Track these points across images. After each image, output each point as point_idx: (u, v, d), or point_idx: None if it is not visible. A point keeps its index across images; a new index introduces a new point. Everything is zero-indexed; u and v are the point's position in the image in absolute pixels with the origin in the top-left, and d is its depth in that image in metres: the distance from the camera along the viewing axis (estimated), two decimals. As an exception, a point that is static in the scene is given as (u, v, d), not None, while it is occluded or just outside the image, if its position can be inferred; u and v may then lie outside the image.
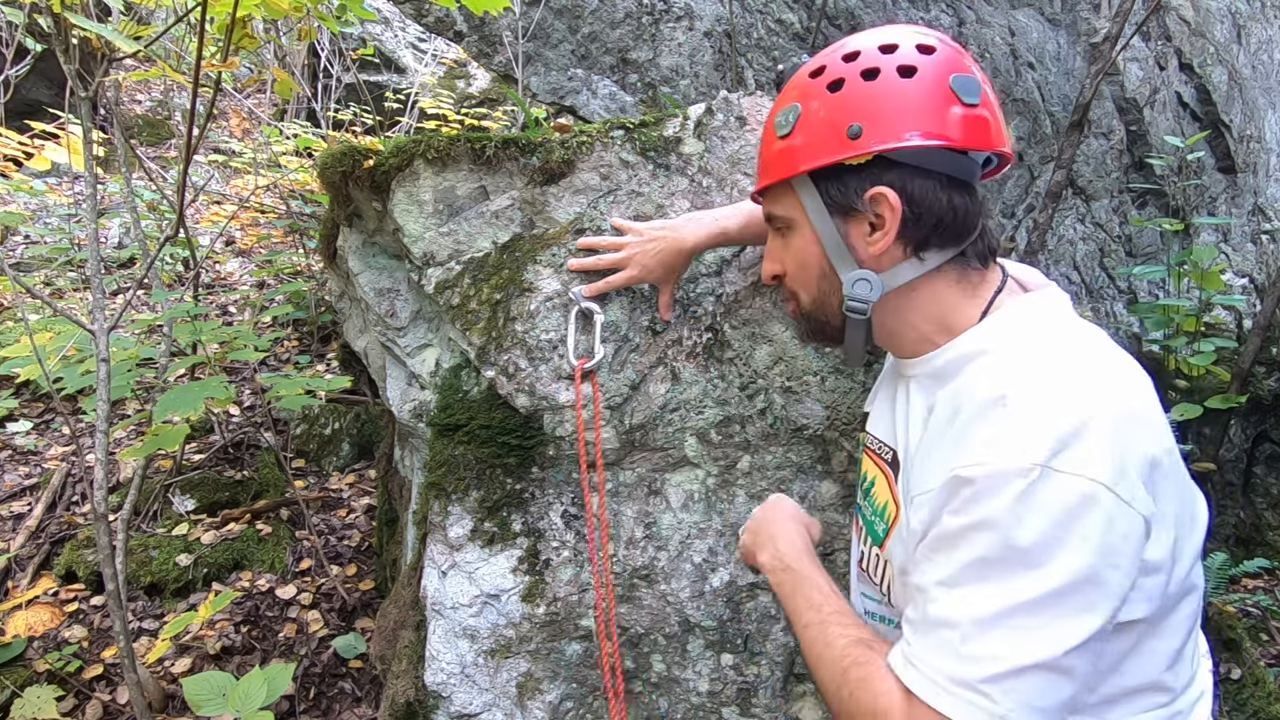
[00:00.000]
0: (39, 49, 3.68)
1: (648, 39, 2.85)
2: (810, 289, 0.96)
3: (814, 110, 0.88)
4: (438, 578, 1.43)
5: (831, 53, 0.91)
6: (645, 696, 1.43)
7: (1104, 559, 0.68)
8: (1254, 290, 4.63)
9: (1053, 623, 0.68)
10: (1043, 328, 0.85)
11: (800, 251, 0.95)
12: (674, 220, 1.38)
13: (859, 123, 0.85)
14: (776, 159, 0.92)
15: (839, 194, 0.88)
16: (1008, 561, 0.70)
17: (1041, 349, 0.81)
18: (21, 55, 3.70)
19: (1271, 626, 2.77)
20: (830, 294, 0.94)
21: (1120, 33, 2.65)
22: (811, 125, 0.88)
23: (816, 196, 0.90)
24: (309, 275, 4.24)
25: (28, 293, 1.93)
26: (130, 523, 2.30)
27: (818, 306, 0.96)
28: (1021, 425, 0.72)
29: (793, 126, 0.90)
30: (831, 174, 0.88)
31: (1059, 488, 0.68)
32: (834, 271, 0.92)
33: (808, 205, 0.91)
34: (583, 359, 1.39)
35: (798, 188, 0.92)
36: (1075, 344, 0.82)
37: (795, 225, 0.94)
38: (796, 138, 0.89)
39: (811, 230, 0.92)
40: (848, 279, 0.90)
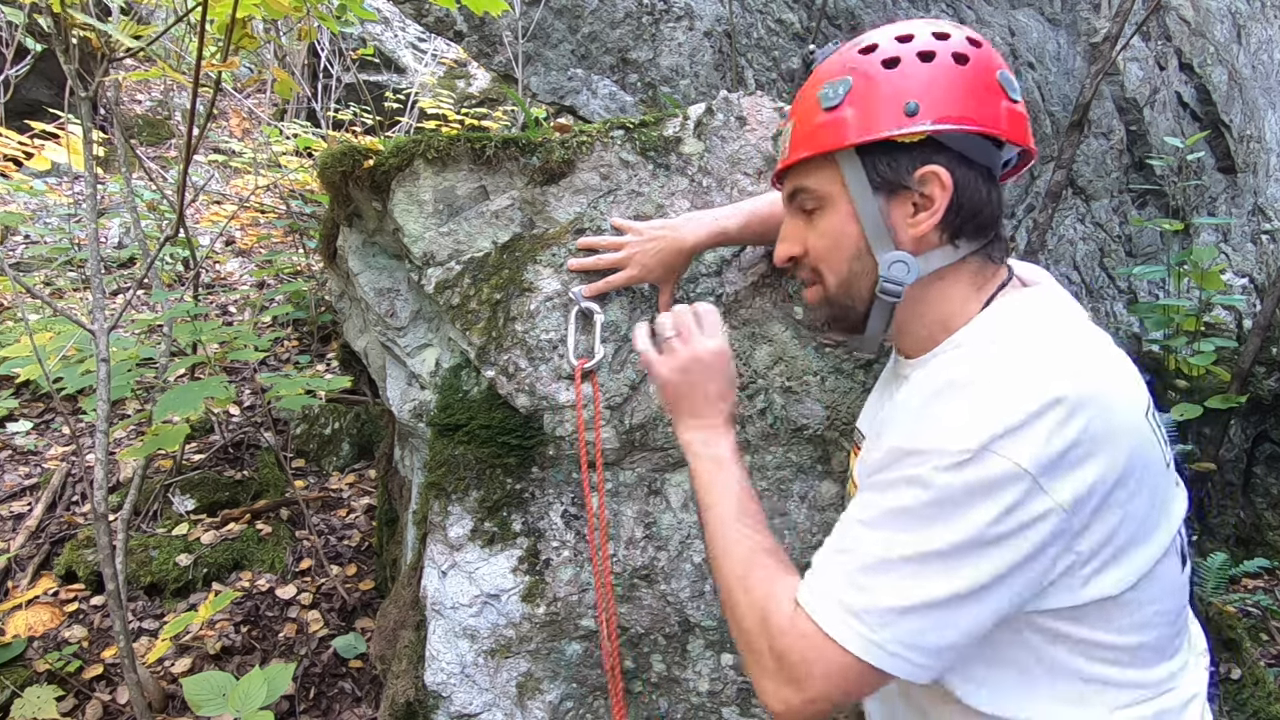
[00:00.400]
0: (39, 49, 3.68)
1: (648, 39, 2.84)
2: (840, 270, 0.92)
3: (867, 84, 0.86)
4: (438, 578, 1.43)
5: (881, 33, 0.89)
6: (645, 696, 1.43)
7: (1006, 530, 0.72)
8: (1254, 290, 4.63)
9: (943, 574, 0.73)
10: (1023, 319, 0.85)
11: (833, 230, 0.91)
12: (674, 220, 1.38)
13: (916, 100, 0.83)
14: (822, 130, 0.88)
15: (889, 170, 0.86)
16: (916, 514, 0.74)
17: (1010, 340, 0.82)
18: (21, 55, 3.70)
19: (1271, 626, 2.77)
20: (861, 275, 0.91)
21: (1120, 33, 2.65)
22: (866, 98, 0.86)
23: (861, 172, 0.87)
24: (309, 275, 4.24)
25: (28, 293, 1.93)
26: (130, 523, 2.30)
27: (845, 289, 0.93)
28: (970, 409, 0.74)
29: (843, 98, 0.87)
30: (883, 150, 0.86)
31: (986, 465, 0.72)
32: (869, 252, 0.89)
33: (850, 181, 0.88)
34: (583, 359, 1.39)
35: (842, 162, 0.88)
36: (1049, 336, 0.82)
37: (830, 202, 0.91)
38: (847, 110, 0.86)
39: (851, 207, 0.89)
40: (884, 260, 0.88)
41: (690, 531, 1.43)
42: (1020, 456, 0.71)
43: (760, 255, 1.46)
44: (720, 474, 0.97)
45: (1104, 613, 0.78)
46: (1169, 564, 0.81)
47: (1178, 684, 0.83)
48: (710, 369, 1.04)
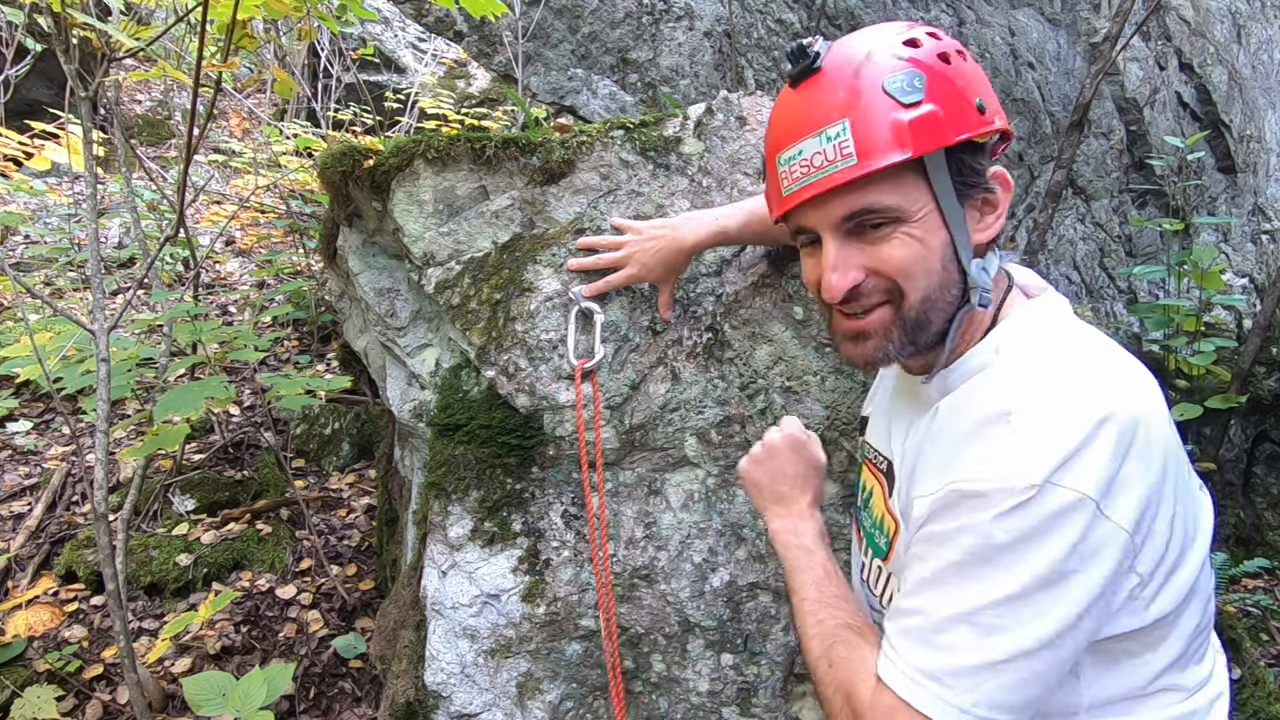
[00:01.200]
0: (39, 49, 3.68)
1: (648, 39, 2.85)
2: (925, 284, 0.81)
3: (938, 79, 0.78)
4: (438, 578, 1.43)
5: (907, 29, 0.82)
6: (645, 696, 1.43)
7: (1072, 563, 0.69)
8: (1254, 290, 4.63)
9: (1023, 620, 0.69)
10: (1046, 337, 0.83)
11: (917, 244, 0.80)
12: (673, 219, 1.38)
13: (981, 98, 0.79)
14: (913, 130, 0.76)
15: (973, 173, 0.81)
16: (983, 561, 0.71)
17: (1045, 361, 0.79)
18: (21, 55, 3.70)
19: (1271, 626, 2.77)
20: (944, 288, 0.82)
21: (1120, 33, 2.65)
22: (943, 95, 0.77)
23: (947, 174, 0.79)
24: (309, 275, 4.24)
25: (28, 292, 1.93)
26: (130, 523, 2.30)
27: (929, 305, 0.82)
28: (1021, 445, 0.71)
29: (923, 94, 0.76)
30: (966, 150, 0.80)
31: (1051, 499, 0.69)
32: (954, 260, 0.82)
33: (938, 183, 0.79)
34: (583, 359, 1.39)
35: (931, 165, 0.79)
36: (1079, 354, 0.80)
37: (908, 214, 0.79)
38: (930, 105, 0.76)
39: (938, 215, 0.80)
40: (975, 266, 0.83)
41: (690, 531, 1.43)
42: (1083, 484, 0.68)
43: (760, 255, 1.46)
44: (805, 559, 0.97)
45: (1159, 631, 0.77)
46: (1205, 572, 0.81)
47: (1208, 684, 0.83)
48: (784, 454, 1.07)
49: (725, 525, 1.42)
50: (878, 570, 0.95)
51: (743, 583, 1.42)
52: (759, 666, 1.42)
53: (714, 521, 1.43)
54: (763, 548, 1.42)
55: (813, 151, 0.79)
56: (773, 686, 1.42)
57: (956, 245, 0.81)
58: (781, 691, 1.42)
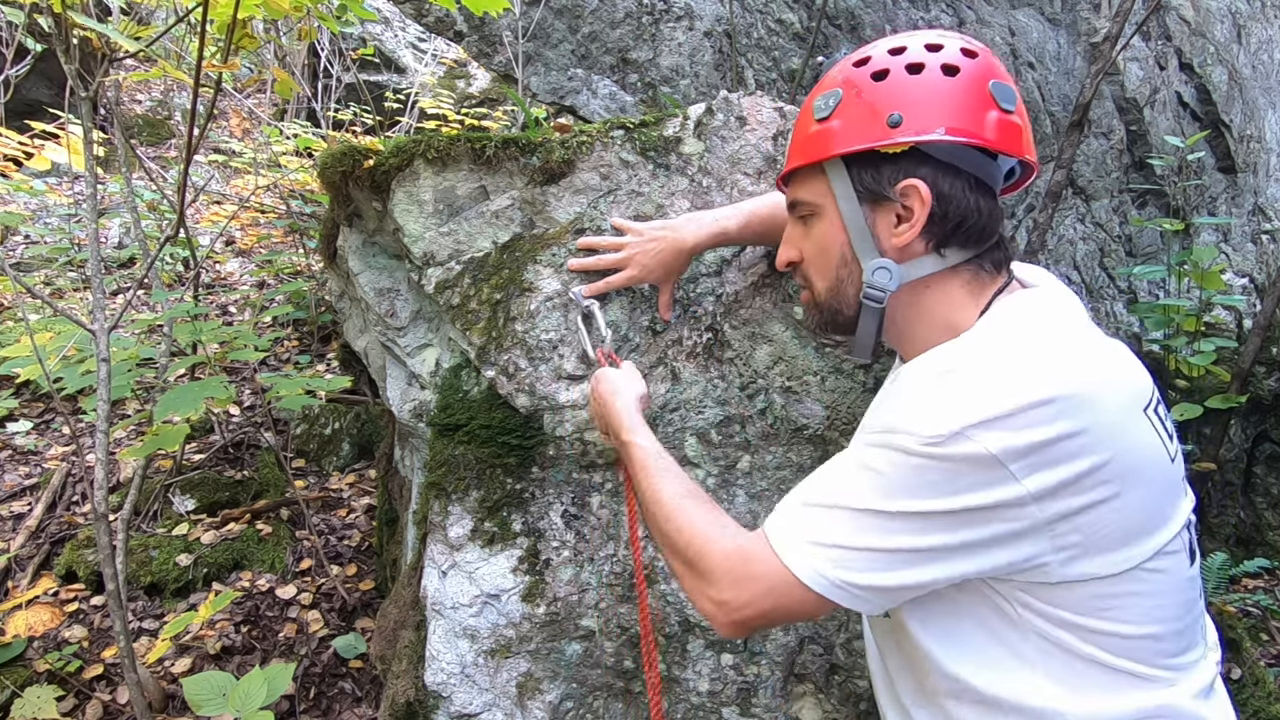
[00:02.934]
0: (39, 49, 3.68)
1: (648, 39, 2.84)
2: (828, 276, 0.96)
3: (855, 96, 0.89)
4: (438, 578, 1.43)
5: (876, 46, 0.92)
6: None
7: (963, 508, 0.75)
8: (1254, 290, 4.63)
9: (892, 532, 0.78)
10: (1019, 320, 0.86)
11: (822, 237, 0.95)
12: (674, 220, 1.38)
13: (900, 112, 0.86)
14: (812, 141, 0.92)
15: (871, 181, 0.89)
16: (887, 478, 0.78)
17: (1004, 336, 0.84)
18: (21, 55, 3.70)
19: (1271, 626, 2.77)
20: (847, 282, 0.94)
21: (1120, 32, 2.65)
22: (852, 110, 0.89)
23: (847, 182, 0.91)
24: (309, 275, 4.24)
25: (28, 292, 1.93)
26: (130, 523, 2.30)
27: (833, 294, 0.96)
28: (951, 397, 0.77)
29: (832, 110, 0.90)
30: (866, 161, 0.89)
31: (958, 446, 0.74)
32: (855, 259, 0.93)
33: (837, 190, 0.92)
34: (601, 348, 1.37)
35: (830, 172, 0.92)
36: (1044, 335, 0.83)
37: (820, 211, 0.95)
38: (835, 121, 0.90)
39: (838, 216, 0.93)
40: (869, 266, 0.91)
41: (690, 531, 1.43)
42: (991, 444, 0.73)
43: (760, 255, 1.46)
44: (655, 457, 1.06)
45: (1098, 599, 0.78)
46: (1176, 560, 0.81)
47: (1186, 678, 0.83)
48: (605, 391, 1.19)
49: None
50: None
51: (743, 583, 1.42)
52: (759, 666, 1.42)
53: (714, 521, 1.42)
54: (763, 548, 1.42)
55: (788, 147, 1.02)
56: (773, 686, 1.42)
57: (854, 245, 0.92)
58: (781, 691, 1.42)
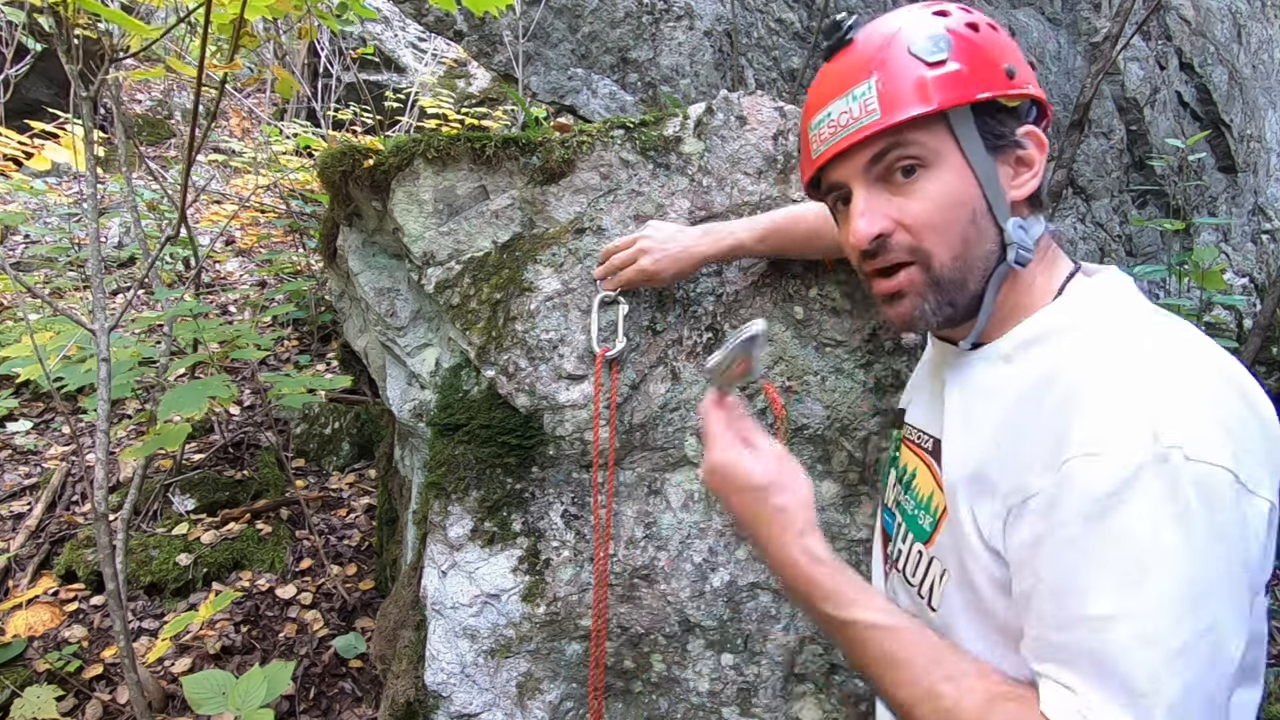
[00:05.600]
0: (39, 49, 3.68)
1: (648, 38, 2.84)
2: (953, 240, 0.82)
3: (966, 42, 0.81)
4: (438, 577, 1.43)
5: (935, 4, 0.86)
6: (645, 696, 1.43)
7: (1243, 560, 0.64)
8: (1254, 290, 4.63)
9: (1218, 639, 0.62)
10: (1128, 306, 0.80)
11: (947, 193, 0.81)
12: (689, 228, 1.38)
13: (1011, 64, 0.82)
14: (937, 84, 0.79)
15: (999, 126, 0.82)
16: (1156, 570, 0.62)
17: (1145, 328, 0.75)
18: (21, 55, 3.70)
19: (1272, 626, 2.77)
20: (976, 244, 0.82)
21: (1120, 32, 2.65)
22: (970, 55, 0.81)
23: (974, 129, 0.81)
24: (309, 275, 4.24)
25: (28, 292, 1.93)
26: (130, 522, 2.30)
27: (960, 262, 0.82)
28: (1139, 403, 0.66)
29: (949, 54, 0.80)
30: (994, 109, 0.82)
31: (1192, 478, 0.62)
32: (988, 215, 0.82)
33: (964, 138, 0.81)
34: (605, 347, 1.39)
35: (955, 120, 0.81)
36: (1167, 321, 0.77)
37: (937, 163, 0.81)
38: (956, 64, 0.80)
39: (967, 167, 0.81)
40: (1011, 224, 0.82)
41: (690, 531, 1.43)
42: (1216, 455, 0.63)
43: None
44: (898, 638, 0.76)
45: None
46: None
47: None
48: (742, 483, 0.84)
49: (725, 525, 1.42)
50: (918, 556, 0.91)
51: (743, 583, 1.42)
52: (759, 666, 1.42)
53: (714, 521, 1.43)
54: (763, 547, 1.42)
55: (840, 111, 0.84)
56: (773, 686, 1.42)
57: (990, 199, 0.82)
58: (781, 691, 1.42)
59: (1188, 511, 0.62)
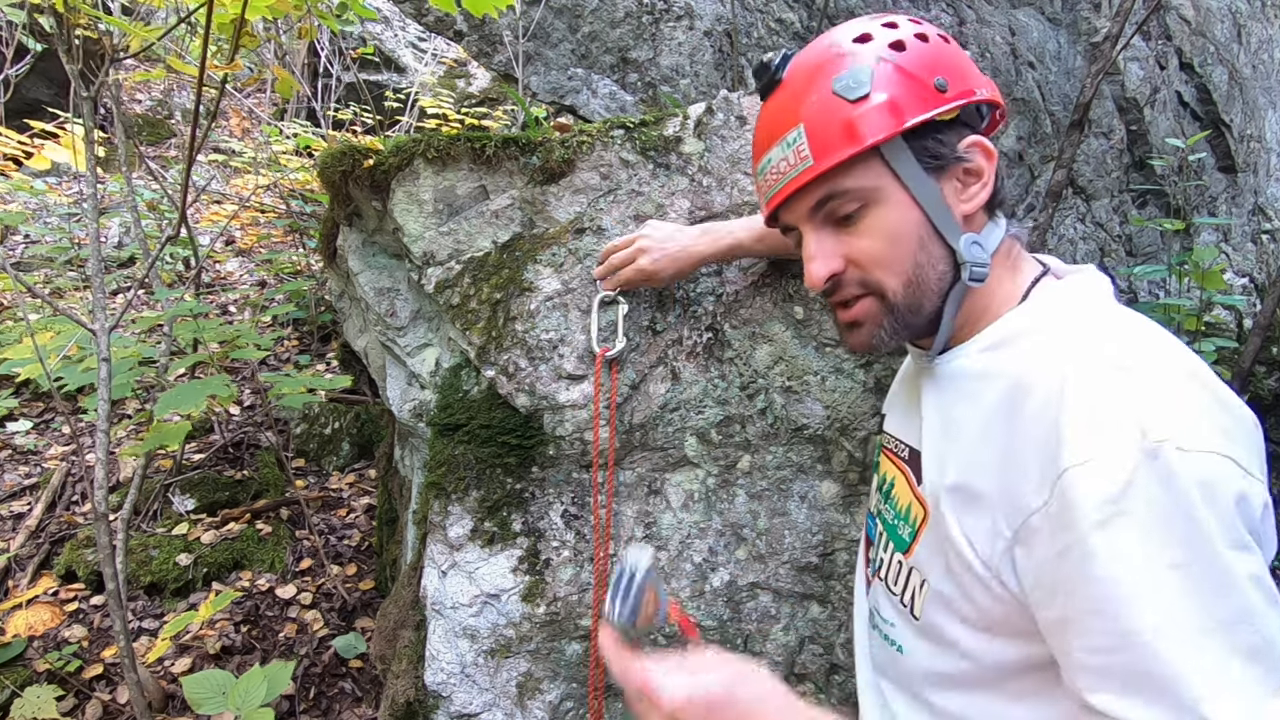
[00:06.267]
0: (39, 48, 3.68)
1: (648, 38, 2.84)
2: (903, 269, 0.83)
3: (889, 67, 0.80)
4: (438, 577, 1.43)
5: (864, 22, 0.85)
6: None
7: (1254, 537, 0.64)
8: (1254, 290, 4.63)
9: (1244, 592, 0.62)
10: (1094, 308, 0.80)
11: (890, 226, 0.82)
12: (687, 228, 1.38)
13: (942, 76, 0.81)
14: (860, 122, 0.80)
15: (937, 146, 0.81)
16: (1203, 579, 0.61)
17: (1113, 328, 0.76)
18: (21, 55, 3.70)
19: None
20: (927, 268, 0.83)
21: (1120, 32, 2.65)
22: (894, 81, 0.80)
23: (911, 156, 0.81)
24: (309, 275, 4.24)
25: (28, 292, 1.93)
26: (130, 522, 2.30)
27: (913, 289, 0.83)
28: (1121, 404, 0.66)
29: (871, 85, 0.80)
30: (924, 131, 0.81)
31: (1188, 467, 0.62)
32: (936, 238, 0.83)
33: (902, 169, 0.81)
34: (605, 347, 1.39)
35: (889, 152, 0.81)
36: (1134, 321, 0.77)
37: (879, 197, 0.82)
38: (879, 95, 0.80)
39: (907, 196, 0.82)
40: (963, 242, 0.82)
41: (690, 531, 1.43)
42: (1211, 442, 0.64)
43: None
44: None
45: None
46: None
47: None
48: None
49: (725, 525, 1.42)
50: (898, 565, 0.92)
51: (743, 583, 1.42)
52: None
53: (714, 521, 1.43)
54: (763, 548, 1.42)
55: (779, 159, 0.86)
56: (773, 686, 1.42)
57: (935, 223, 0.82)
58: (781, 691, 1.42)
59: (1189, 502, 0.62)
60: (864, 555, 1.07)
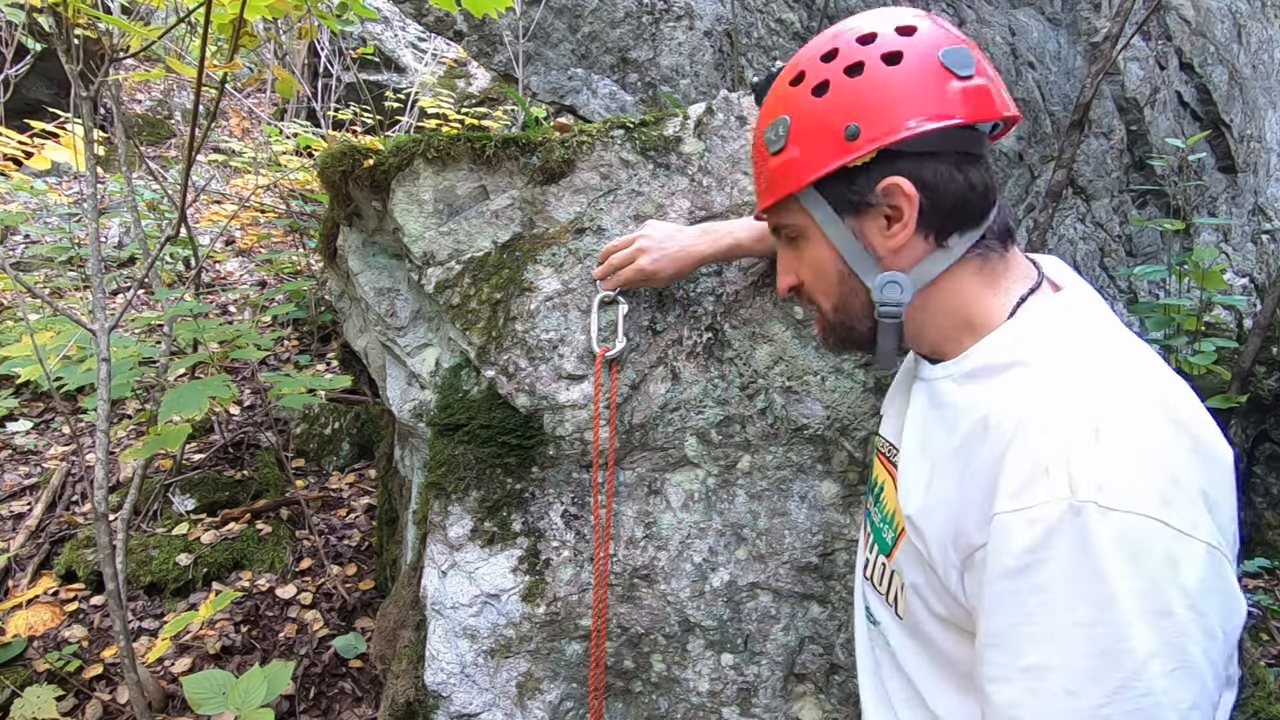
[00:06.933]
0: (39, 48, 3.68)
1: (648, 38, 2.84)
2: (831, 295, 0.92)
3: (803, 118, 0.85)
4: (438, 577, 1.43)
5: (808, 55, 0.87)
6: (645, 696, 1.43)
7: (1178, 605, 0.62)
8: (1254, 290, 4.63)
9: None
10: (1081, 338, 0.79)
11: (815, 261, 0.91)
12: (687, 228, 1.37)
13: (855, 122, 0.81)
14: (776, 175, 0.88)
15: (848, 193, 0.85)
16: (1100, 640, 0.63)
17: (1085, 365, 0.75)
18: (21, 55, 3.70)
19: (1271, 626, 2.77)
20: (852, 297, 0.89)
21: (1120, 32, 2.65)
22: (805, 134, 0.85)
23: (823, 203, 0.87)
24: (309, 275, 4.24)
25: (28, 292, 1.93)
26: (130, 522, 2.30)
27: (842, 312, 0.92)
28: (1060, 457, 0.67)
29: (785, 140, 0.86)
30: (837, 178, 0.84)
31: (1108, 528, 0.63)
32: (854, 275, 0.88)
33: (816, 214, 0.88)
34: (605, 347, 1.39)
35: (802, 199, 0.88)
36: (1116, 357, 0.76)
37: (806, 234, 0.91)
38: (792, 150, 0.86)
39: (824, 238, 0.88)
40: (876, 283, 0.86)
41: (690, 531, 1.43)
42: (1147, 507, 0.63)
43: (760, 255, 1.46)
44: None
45: None
46: None
47: None
48: None
49: (725, 525, 1.42)
50: (881, 567, 0.95)
51: (743, 583, 1.42)
52: (759, 666, 1.42)
53: (714, 521, 1.43)
54: (763, 548, 1.42)
55: None
56: (773, 686, 1.42)
57: (849, 262, 0.88)
58: (781, 691, 1.42)
59: (1103, 563, 0.62)
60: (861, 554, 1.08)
